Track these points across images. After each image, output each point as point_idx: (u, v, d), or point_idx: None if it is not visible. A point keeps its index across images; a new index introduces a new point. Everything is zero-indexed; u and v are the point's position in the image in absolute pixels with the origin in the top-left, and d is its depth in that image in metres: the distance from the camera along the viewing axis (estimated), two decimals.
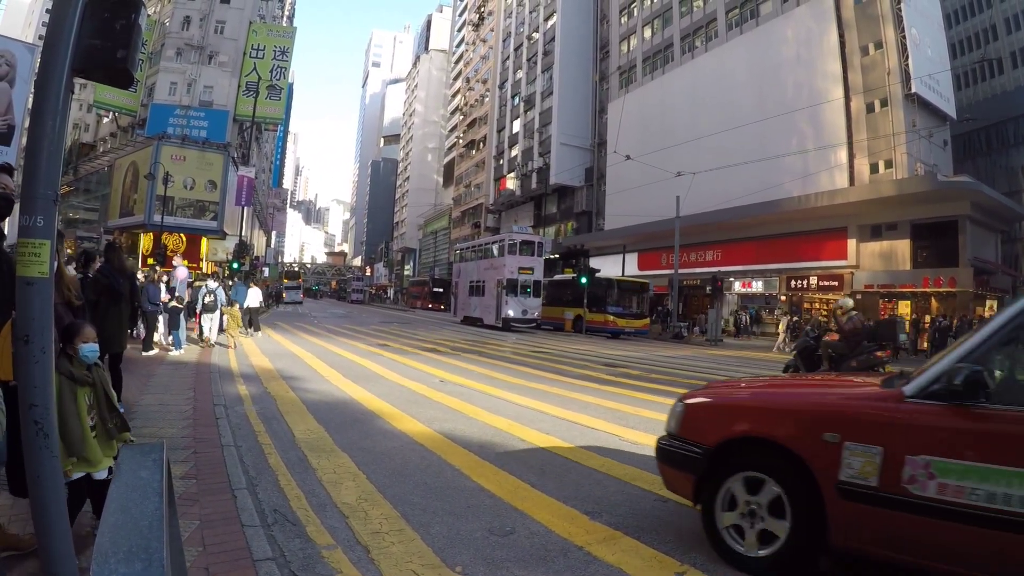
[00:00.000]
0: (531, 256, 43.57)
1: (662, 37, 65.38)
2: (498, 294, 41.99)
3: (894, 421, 4.25)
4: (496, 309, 42.40)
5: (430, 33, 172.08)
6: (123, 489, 1.47)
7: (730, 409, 5.30)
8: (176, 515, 1.81)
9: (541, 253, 45.17)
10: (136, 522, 1.37)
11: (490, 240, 50.17)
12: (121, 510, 1.39)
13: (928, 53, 44.34)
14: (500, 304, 41.81)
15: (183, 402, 9.80)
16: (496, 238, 48.91)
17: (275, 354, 19.01)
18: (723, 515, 4.88)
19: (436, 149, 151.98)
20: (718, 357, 27.76)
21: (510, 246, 42.88)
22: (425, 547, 4.79)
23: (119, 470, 1.55)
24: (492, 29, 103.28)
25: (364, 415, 10.10)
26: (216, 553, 4.33)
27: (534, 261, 43.50)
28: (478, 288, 46.29)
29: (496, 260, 43.96)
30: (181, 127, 54.29)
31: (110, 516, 1.37)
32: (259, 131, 73.10)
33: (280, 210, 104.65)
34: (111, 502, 1.41)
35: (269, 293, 76.32)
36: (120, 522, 1.36)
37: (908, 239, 40.27)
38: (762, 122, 46.13)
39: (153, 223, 46.36)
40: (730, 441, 4.93)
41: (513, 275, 41.46)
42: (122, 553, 1.28)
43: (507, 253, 42.64)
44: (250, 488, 5.88)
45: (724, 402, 5.56)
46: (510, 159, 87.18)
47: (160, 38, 57.95)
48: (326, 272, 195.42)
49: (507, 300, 41.32)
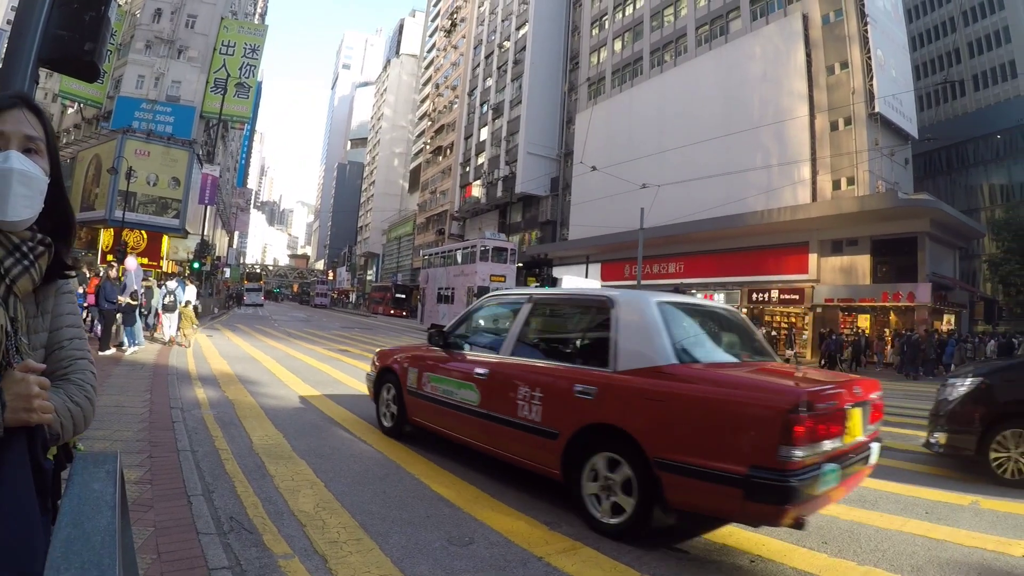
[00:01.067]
0: (503, 263, 43.12)
1: (632, 50, 65.76)
2: (468, 302, 39.87)
3: (421, 358, 8.86)
4: None
5: (402, 37, 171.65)
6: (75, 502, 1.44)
7: (385, 355, 9.87)
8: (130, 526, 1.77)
9: (514, 260, 45.07)
10: (88, 537, 1.34)
11: (461, 246, 49.29)
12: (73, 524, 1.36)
13: (892, 74, 45.04)
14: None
15: (139, 404, 9.66)
16: (467, 244, 48.04)
17: (234, 357, 18.85)
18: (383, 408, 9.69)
19: (403, 154, 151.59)
20: None
21: (482, 252, 42.45)
22: (384, 557, 4.76)
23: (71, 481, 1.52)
24: (464, 36, 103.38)
25: (324, 422, 10.03)
26: (170, 561, 4.26)
27: (506, 268, 43.14)
28: (447, 295, 45.56)
29: (467, 266, 43.35)
30: (147, 121, 53.65)
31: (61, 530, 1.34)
32: (226, 129, 72.50)
33: (244, 210, 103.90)
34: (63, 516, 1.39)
35: (229, 294, 75.90)
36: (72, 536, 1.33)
37: (868, 254, 40.80)
38: (727, 137, 46.50)
39: (114, 219, 45.74)
40: (385, 369, 9.63)
41: (484, 282, 40.67)
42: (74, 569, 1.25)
43: (479, 259, 42.23)
44: (206, 494, 5.81)
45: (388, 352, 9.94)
46: (476, 166, 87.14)
47: (130, 29, 57.11)
48: (288, 275, 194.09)
49: None
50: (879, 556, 5.34)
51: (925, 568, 5.12)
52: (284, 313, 68.71)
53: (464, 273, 43.10)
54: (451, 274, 45.68)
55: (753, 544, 5.47)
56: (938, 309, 39.95)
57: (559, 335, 7.54)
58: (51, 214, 1.84)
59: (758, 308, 47.04)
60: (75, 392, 1.81)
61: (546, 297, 8.01)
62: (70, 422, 1.74)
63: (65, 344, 1.89)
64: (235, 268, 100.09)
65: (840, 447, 5.12)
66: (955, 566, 5.19)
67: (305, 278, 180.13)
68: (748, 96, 48.99)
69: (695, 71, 55.27)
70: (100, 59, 3.36)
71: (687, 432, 5.22)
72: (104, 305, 16.34)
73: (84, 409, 1.80)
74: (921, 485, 7.88)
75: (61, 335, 1.90)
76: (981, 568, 5.18)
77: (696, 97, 53.17)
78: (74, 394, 1.80)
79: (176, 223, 53.55)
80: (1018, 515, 6.71)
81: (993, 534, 6.03)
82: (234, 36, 59.73)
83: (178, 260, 55.09)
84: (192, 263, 43.01)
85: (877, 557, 5.32)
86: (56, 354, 1.88)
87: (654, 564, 4.95)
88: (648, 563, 4.95)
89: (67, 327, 1.92)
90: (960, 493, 7.53)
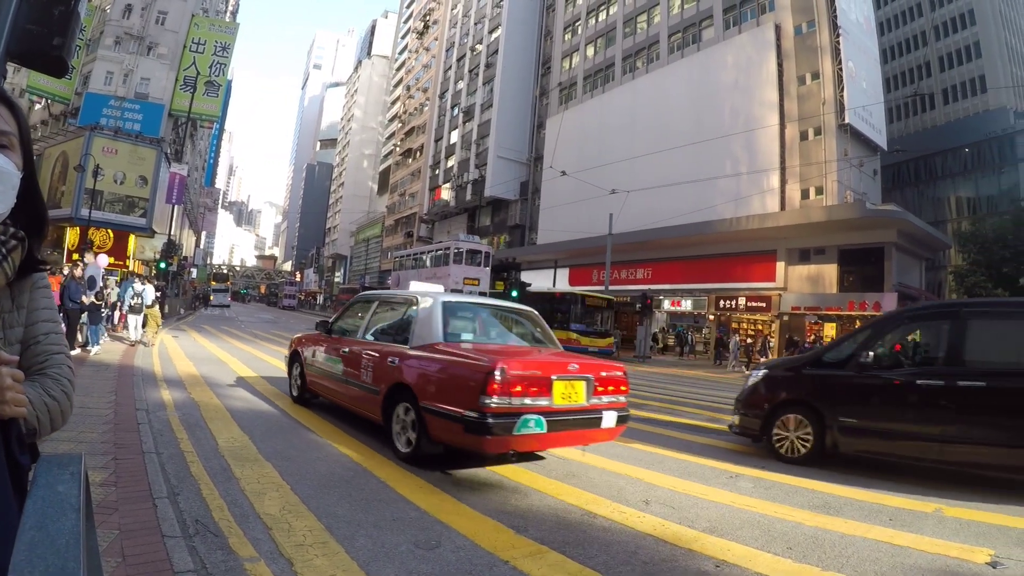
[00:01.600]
0: (477, 266, 42.05)
1: (604, 56, 66.14)
2: None
3: (314, 341, 11.24)
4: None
5: (374, 38, 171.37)
6: (39, 504, 1.40)
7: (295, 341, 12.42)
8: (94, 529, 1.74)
9: (488, 263, 43.48)
10: (53, 540, 1.31)
11: (434, 248, 47.80)
12: (37, 527, 1.33)
13: (863, 86, 45.57)
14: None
15: (104, 406, 9.54)
16: (441, 245, 46.42)
17: (200, 359, 18.69)
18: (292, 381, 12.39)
19: (372, 156, 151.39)
20: (645, 374, 28.00)
21: (455, 255, 41.39)
22: (350, 560, 4.72)
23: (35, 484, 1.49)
24: (436, 38, 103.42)
25: (289, 424, 9.96)
26: (136, 564, 4.19)
27: (480, 272, 42.00)
28: None
29: (439, 269, 41.99)
30: (115, 119, 53.01)
31: (25, 533, 1.31)
32: (194, 127, 71.99)
33: (211, 210, 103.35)
34: (27, 518, 1.35)
35: (196, 295, 75.36)
36: (36, 540, 1.30)
37: (836, 264, 41.30)
38: (698, 144, 46.90)
39: (80, 217, 45.17)
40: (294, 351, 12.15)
41: (458, 285, 39.56)
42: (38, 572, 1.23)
43: (452, 262, 41.10)
44: (171, 497, 5.73)
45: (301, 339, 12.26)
46: (446, 169, 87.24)
47: (99, 25, 56.38)
48: (255, 276, 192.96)
49: None
50: (843, 562, 5.38)
51: (889, 574, 5.15)
52: (251, 314, 68.29)
53: (436, 276, 40.73)
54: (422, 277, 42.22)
55: (718, 549, 5.49)
56: None
57: (388, 323, 9.99)
58: (24, 209, 1.81)
59: (725, 315, 47.43)
60: (51, 386, 1.77)
61: (386, 296, 10.90)
62: (47, 416, 1.71)
63: (41, 339, 1.86)
64: (202, 268, 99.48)
65: (548, 406, 7.32)
66: (919, 572, 5.23)
67: (273, 279, 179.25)
68: (719, 104, 49.39)
69: (667, 78, 55.68)
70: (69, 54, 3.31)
71: (437, 386, 7.73)
72: (68, 304, 16.16)
73: (61, 403, 1.77)
74: (884, 491, 7.94)
75: (37, 330, 1.87)
76: (945, 575, 5.22)
77: (667, 104, 53.54)
78: (50, 388, 1.76)
79: (143, 222, 52.97)
80: (981, 522, 6.78)
81: (956, 541, 6.08)
82: (205, 33, 59.34)
83: (145, 260, 54.60)
84: (159, 263, 42.58)
85: (841, 563, 5.35)
86: (32, 349, 1.85)
87: (619, 569, 4.95)
88: (614, 568, 4.95)
89: (43, 322, 1.89)
90: (924, 500, 7.59)
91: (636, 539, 5.71)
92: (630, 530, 5.92)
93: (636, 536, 5.77)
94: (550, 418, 7.20)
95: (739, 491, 7.69)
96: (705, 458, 9.65)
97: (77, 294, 16.58)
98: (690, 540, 5.72)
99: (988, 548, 5.90)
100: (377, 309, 10.36)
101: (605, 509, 6.51)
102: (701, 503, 7.02)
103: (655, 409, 15.24)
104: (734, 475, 8.59)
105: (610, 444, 9.68)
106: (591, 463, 8.72)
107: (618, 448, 9.75)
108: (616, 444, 9.84)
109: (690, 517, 6.46)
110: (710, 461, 9.45)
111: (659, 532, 5.89)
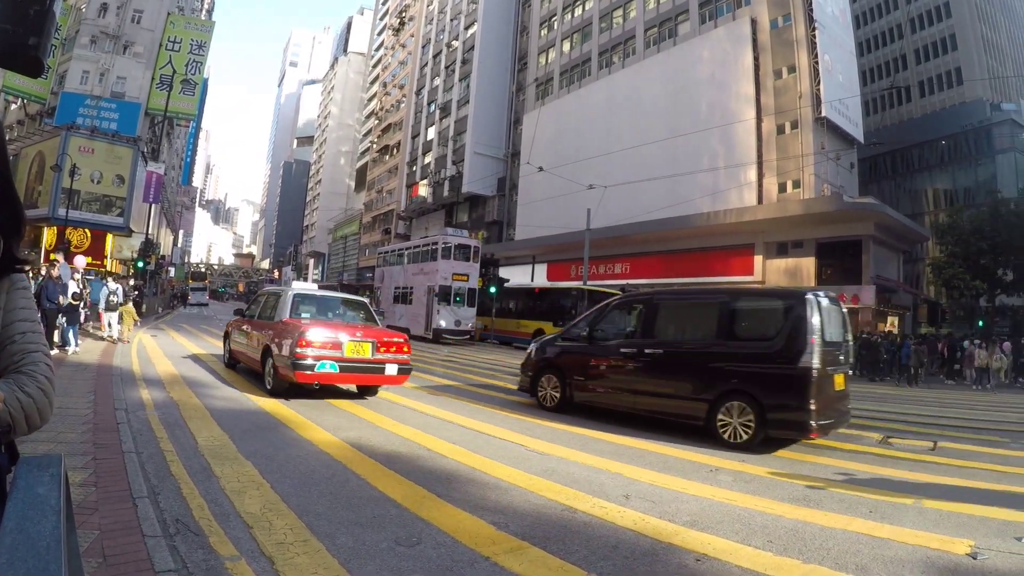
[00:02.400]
0: (467, 261, 40.42)
1: (580, 52, 66.12)
2: (428, 302, 39.04)
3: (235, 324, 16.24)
4: (426, 319, 39.08)
5: (350, 35, 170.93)
6: (19, 507, 1.40)
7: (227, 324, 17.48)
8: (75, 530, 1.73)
9: (478, 258, 41.97)
10: (34, 542, 1.31)
11: (421, 243, 45.46)
12: (18, 529, 1.33)
13: (839, 79, 45.78)
14: (431, 313, 38.56)
15: (83, 406, 9.48)
16: (428, 240, 44.26)
17: (179, 357, 18.57)
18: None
19: (349, 153, 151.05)
20: None
21: (444, 250, 39.50)
22: (331, 558, 4.71)
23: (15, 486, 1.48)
24: (412, 35, 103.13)
25: (269, 423, 9.91)
26: (117, 565, 4.18)
27: (470, 267, 40.44)
28: (405, 295, 42.94)
29: (427, 264, 40.68)
30: (91, 118, 52.53)
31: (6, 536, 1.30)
32: (171, 126, 71.50)
33: (189, 209, 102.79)
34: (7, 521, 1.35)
35: (174, 294, 74.95)
36: (17, 542, 1.30)
37: (813, 256, 41.48)
38: (675, 139, 46.99)
39: (57, 217, 44.86)
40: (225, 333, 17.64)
41: (447, 281, 38.60)
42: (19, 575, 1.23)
43: (440, 257, 39.29)
44: (151, 497, 5.70)
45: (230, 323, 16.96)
46: (423, 166, 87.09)
47: (75, 24, 55.80)
48: (233, 274, 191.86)
49: (439, 309, 38.17)
50: (823, 554, 5.41)
51: (869, 566, 5.18)
52: (229, 313, 67.76)
53: (424, 272, 40.52)
54: (409, 273, 43.04)
55: (699, 543, 5.51)
56: (882, 311, 40.69)
57: (268, 308, 14.37)
58: (1, 209, 1.80)
59: None
60: (26, 383, 1.75)
61: (272, 291, 15.36)
62: (21, 414, 1.69)
63: (17, 338, 1.84)
64: (180, 267, 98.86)
65: (341, 356, 11.78)
66: (899, 564, 5.27)
67: (251, 277, 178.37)
68: (696, 99, 49.49)
69: (643, 73, 55.71)
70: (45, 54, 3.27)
71: (279, 343, 12.13)
72: (46, 305, 16.05)
73: (37, 400, 1.75)
74: (864, 485, 7.98)
75: (13, 329, 1.85)
76: (925, 566, 5.26)
77: (644, 99, 53.60)
78: (25, 384, 1.74)
79: (120, 221, 52.59)
80: (961, 513, 6.83)
81: (936, 532, 6.12)
82: (180, 32, 58.92)
83: (122, 259, 54.24)
84: (136, 262, 42.28)
85: (822, 555, 5.38)
86: (8, 348, 1.83)
87: (600, 564, 4.97)
88: (595, 563, 4.96)
89: (20, 321, 1.87)
90: (904, 493, 7.64)
91: (617, 533, 5.72)
92: (610, 525, 5.93)
93: (617, 531, 5.78)
94: (342, 364, 11.82)
95: (719, 485, 7.71)
96: (686, 451, 9.69)
97: (55, 294, 16.45)
98: (671, 534, 5.73)
99: (968, 539, 5.95)
100: (266, 300, 15.03)
101: (585, 504, 6.51)
102: (681, 497, 7.05)
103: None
104: (714, 468, 8.61)
105: (591, 439, 10.03)
106: (571, 458, 8.72)
107: (600, 444, 9.83)
108: (597, 440, 10.08)
109: (670, 511, 6.48)
110: (690, 454, 9.48)
111: (639, 526, 5.91)
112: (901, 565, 5.25)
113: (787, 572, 4.99)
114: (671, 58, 53.62)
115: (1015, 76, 69.98)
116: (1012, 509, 7.09)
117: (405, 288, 43.08)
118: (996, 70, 69.54)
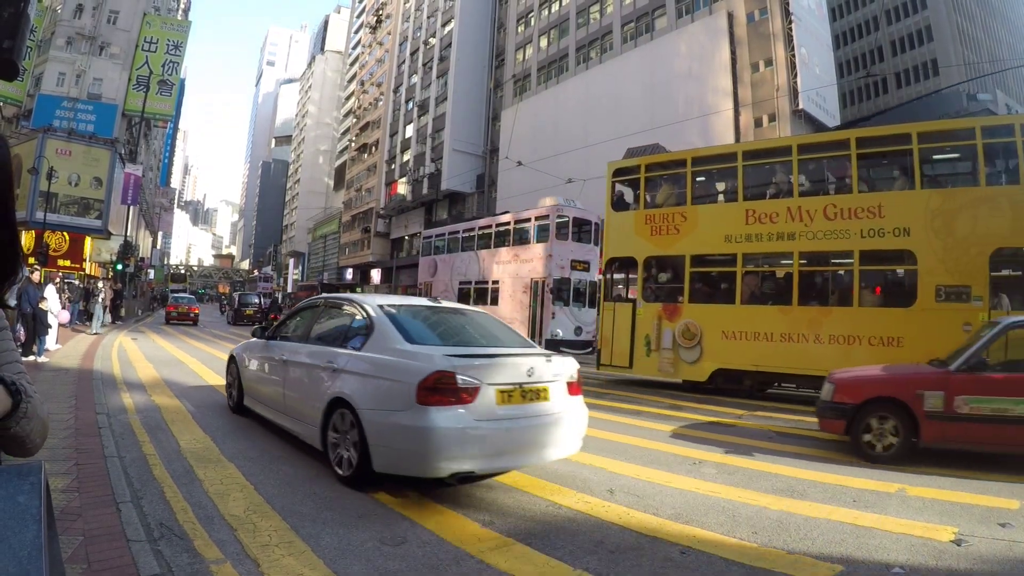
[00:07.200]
0: (586, 244, 30.93)
1: (558, 47, 66.11)
2: (532, 302, 30.02)
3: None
4: (530, 325, 29.74)
5: (327, 34, 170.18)
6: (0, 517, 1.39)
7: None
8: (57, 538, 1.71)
9: (599, 241, 29.07)
10: (15, 552, 1.30)
11: (514, 218, 33.95)
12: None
13: (816, 71, 45.98)
14: (537, 318, 29.39)
15: (65, 411, 9.40)
16: (528, 214, 32.73)
17: (160, 361, 18.49)
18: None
19: (328, 152, 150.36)
20: None
21: (558, 226, 29.95)
22: (316, 559, 4.71)
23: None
24: (389, 32, 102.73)
25: (252, 424, 9.90)
26: (101, 571, 4.15)
27: (590, 252, 30.27)
28: (482, 293, 33.68)
29: (525, 249, 31.45)
30: (68, 120, 52.08)
31: None
32: (148, 127, 70.96)
33: (167, 210, 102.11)
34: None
35: (154, 296, 74.53)
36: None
37: None
38: (653, 132, 46.94)
39: (35, 220, 44.45)
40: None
41: (564, 272, 29.28)
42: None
43: (553, 238, 29.78)
44: (135, 501, 5.67)
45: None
46: (402, 164, 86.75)
47: (51, 25, 55.26)
48: (213, 275, 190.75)
49: (553, 312, 28.69)
50: (808, 544, 5.45)
51: (854, 554, 5.22)
52: (210, 314, 67.66)
53: (520, 258, 31.37)
54: (489, 261, 33.72)
55: (684, 536, 5.54)
56: None
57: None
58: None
59: None
60: None
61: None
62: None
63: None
64: (159, 269, 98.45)
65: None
66: (884, 551, 5.31)
67: (231, 278, 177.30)
68: (673, 93, 49.57)
69: (621, 68, 55.76)
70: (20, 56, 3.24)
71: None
72: (27, 308, 15.93)
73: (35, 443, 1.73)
74: (848, 475, 8.03)
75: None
76: (909, 553, 5.30)
77: (622, 94, 53.63)
78: None
79: (99, 224, 52.17)
80: (944, 501, 6.88)
81: (920, 520, 6.17)
82: (157, 32, 58.55)
83: (101, 262, 53.93)
84: (115, 264, 42.04)
85: (807, 545, 5.42)
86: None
87: (585, 559, 4.98)
88: (580, 558, 4.98)
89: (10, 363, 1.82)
90: (887, 481, 7.69)
91: (602, 528, 5.75)
92: (595, 519, 5.96)
93: (602, 525, 5.81)
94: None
95: (703, 477, 7.75)
96: (668, 445, 9.72)
97: (35, 298, 16.31)
98: (656, 527, 5.76)
99: (952, 526, 6.01)
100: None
101: (570, 499, 6.55)
102: (666, 491, 7.09)
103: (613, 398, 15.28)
104: (697, 461, 8.65)
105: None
106: None
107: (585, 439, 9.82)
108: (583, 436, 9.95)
109: (655, 505, 6.51)
110: (673, 448, 9.52)
111: (624, 520, 5.94)
112: (886, 553, 5.30)
113: (772, 563, 5.02)
114: (648, 53, 53.67)
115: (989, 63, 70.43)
116: (995, 496, 7.14)
117: (482, 283, 33.93)
118: (972, 60, 70.03)
